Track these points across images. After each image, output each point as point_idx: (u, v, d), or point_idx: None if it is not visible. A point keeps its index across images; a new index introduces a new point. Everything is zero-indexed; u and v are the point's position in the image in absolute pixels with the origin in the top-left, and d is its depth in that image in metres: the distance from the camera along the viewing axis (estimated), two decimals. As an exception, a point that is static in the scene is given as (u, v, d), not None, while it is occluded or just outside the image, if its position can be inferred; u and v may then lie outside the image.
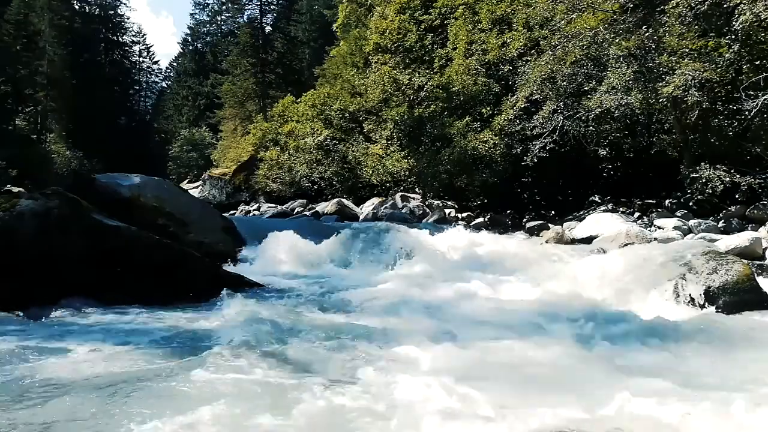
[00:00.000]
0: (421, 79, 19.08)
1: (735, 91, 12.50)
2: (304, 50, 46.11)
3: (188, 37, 59.51)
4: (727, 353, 5.09)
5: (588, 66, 15.26)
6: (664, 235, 11.31)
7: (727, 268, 7.01)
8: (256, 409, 3.59)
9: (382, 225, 14.20)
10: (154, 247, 7.76)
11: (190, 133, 44.79)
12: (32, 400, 3.77)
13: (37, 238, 6.83)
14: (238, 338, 5.25)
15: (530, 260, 10.21)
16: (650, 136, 15.78)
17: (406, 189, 20.47)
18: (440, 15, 22.84)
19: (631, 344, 5.38)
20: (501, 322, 6.03)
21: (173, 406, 3.63)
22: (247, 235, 12.23)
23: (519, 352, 5.03)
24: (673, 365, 4.68)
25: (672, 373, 4.43)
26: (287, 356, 4.88)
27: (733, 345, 5.35)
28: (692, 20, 12.92)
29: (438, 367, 4.51)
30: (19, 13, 25.20)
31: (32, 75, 23.84)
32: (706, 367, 4.67)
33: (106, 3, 48.66)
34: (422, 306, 7.00)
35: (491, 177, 17.36)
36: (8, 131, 15.24)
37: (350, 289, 8.29)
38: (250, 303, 7.29)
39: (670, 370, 4.52)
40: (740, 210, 12.79)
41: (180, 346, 5.20)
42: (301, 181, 25.55)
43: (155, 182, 13.08)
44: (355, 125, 23.62)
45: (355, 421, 3.49)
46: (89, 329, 5.78)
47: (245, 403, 3.69)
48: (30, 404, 3.70)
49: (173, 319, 6.29)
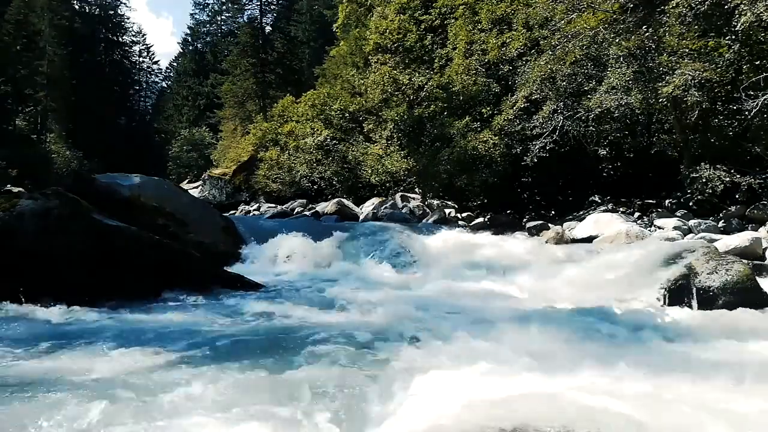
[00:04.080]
0: (421, 79, 19.06)
1: (735, 91, 12.49)
2: (304, 50, 46.11)
3: (188, 37, 59.57)
4: (727, 353, 5.08)
5: (588, 66, 15.25)
6: (664, 235, 11.30)
7: (727, 268, 7.01)
8: (255, 408, 3.59)
9: (382, 225, 14.21)
10: (154, 247, 7.77)
11: (190, 133, 44.76)
12: (32, 400, 3.76)
13: (36, 238, 6.83)
14: (238, 338, 5.25)
15: (530, 260, 10.21)
16: (650, 136, 15.78)
17: (406, 189, 20.46)
18: (440, 15, 22.83)
19: (630, 343, 5.38)
20: (501, 322, 6.02)
21: (173, 405, 3.63)
22: (247, 235, 12.23)
23: (519, 352, 5.02)
24: (672, 364, 4.67)
25: (672, 373, 4.42)
26: (287, 356, 4.89)
27: (733, 344, 5.34)
28: (692, 20, 12.92)
29: (438, 366, 4.51)
30: (19, 13, 25.19)
31: (32, 75, 23.82)
32: (706, 367, 4.67)
33: (106, 3, 48.67)
34: (422, 306, 6.99)
35: (491, 177, 17.34)
36: (8, 131, 15.23)
37: (350, 289, 8.29)
38: (250, 303, 7.30)
39: (670, 369, 4.52)
40: (740, 210, 12.79)
41: (180, 345, 5.19)
42: (301, 181, 25.55)
43: (155, 182, 13.09)
44: (355, 125, 23.60)
45: (355, 419, 3.49)
46: (89, 329, 5.78)
47: (245, 402, 3.69)
48: (30, 404, 3.70)
49: (173, 319, 6.29)
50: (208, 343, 5.20)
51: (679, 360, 4.95)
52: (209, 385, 4.02)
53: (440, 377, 4.07)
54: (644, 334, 5.80)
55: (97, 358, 4.76)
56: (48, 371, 4.37)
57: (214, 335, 5.53)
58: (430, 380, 4.01)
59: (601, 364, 4.70)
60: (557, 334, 5.62)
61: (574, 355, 4.95)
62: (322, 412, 3.59)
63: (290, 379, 4.23)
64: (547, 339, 5.43)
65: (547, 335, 5.55)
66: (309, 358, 4.82)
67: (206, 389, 3.94)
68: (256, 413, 3.52)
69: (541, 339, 5.41)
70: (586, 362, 4.63)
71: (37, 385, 4.07)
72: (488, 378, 4.13)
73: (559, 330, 5.80)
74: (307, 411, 3.59)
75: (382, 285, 8.77)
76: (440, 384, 3.92)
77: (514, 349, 5.13)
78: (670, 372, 4.44)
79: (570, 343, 5.31)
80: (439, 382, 3.96)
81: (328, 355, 4.94)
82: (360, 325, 5.99)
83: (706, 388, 4.09)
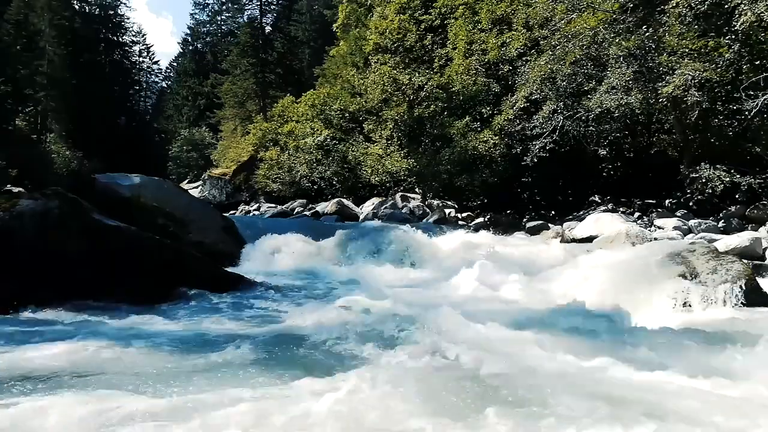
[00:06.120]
0: (421, 79, 19.07)
1: (735, 91, 12.49)
2: (304, 50, 46.12)
3: (188, 37, 59.56)
4: (727, 353, 5.08)
5: (588, 66, 15.25)
6: (664, 235, 11.31)
7: (727, 268, 7.01)
8: (255, 407, 3.59)
9: (382, 225, 14.21)
10: (153, 247, 7.77)
11: (190, 133, 44.76)
12: (31, 401, 3.76)
13: (36, 238, 6.82)
14: (237, 337, 5.25)
15: (530, 260, 10.20)
16: (650, 136, 15.79)
17: (406, 189, 20.46)
18: (440, 15, 22.83)
19: (630, 343, 5.38)
20: (500, 321, 6.02)
21: (172, 406, 3.63)
22: (247, 235, 12.23)
23: (519, 352, 5.02)
24: (672, 364, 4.67)
25: (671, 372, 4.43)
26: (286, 355, 4.89)
27: (733, 344, 5.34)
28: (692, 20, 12.92)
29: (436, 365, 4.51)
30: (19, 13, 25.14)
31: (32, 75, 23.79)
32: (706, 366, 4.67)
33: (106, 3, 48.56)
34: (421, 306, 6.99)
35: (491, 177, 17.35)
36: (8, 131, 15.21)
37: (349, 289, 8.29)
38: (249, 302, 7.30)
39: (670, 369, 4.52)
40: (740, 210, 12.79)
41: (179, 345, 5.19)
42: (301, 181, 25.56)
43: (155, 182, 13.10)
44: (355, 125, 23.61)
45: (354, 418, 3.48)
46: (88, 329, 5.77)
47: (244, 401, 3.69)
48: (29, 405, 3.70)
49: (173, 319, 6.29)
50: (207, 343, 5.20)
51: (678, 359, 4.95)
52: (208, 384, 4.03)
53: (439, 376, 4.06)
54: (643, 333, 5.80)
55: (96, 357, 4.76)
56: (48, 371, 4.37)
57: (213, 334, 5.52)
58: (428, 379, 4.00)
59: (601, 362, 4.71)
60: (556, 334, 5.63)
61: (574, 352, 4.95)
62: (321, 411, 3.59)
63: (290, 378, 4.23)
64: (547, 338, 5.43)
65: (546, 335, 5.55)
66: (308, 357, 4.83)
67: (205, 388, 3.94)
68: (256, 412, 3.53)
69: (540, 339, 5.41)
70: (585, 360, 4.63)
71: (36, 385, 4.07)
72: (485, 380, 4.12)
73: (558, 329, 5.80)
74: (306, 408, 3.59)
75: (382, 284, 8.76)
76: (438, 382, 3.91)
77: (514, 348, 5.13)
78: (668, 371, 4.44)
79: (570, 343, 5.31)
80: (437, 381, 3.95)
81: (326, 353, 4.95)
82: (359, 324, 5.99)
83: (705, 386, 4.10)
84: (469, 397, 3.83)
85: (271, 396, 3.85)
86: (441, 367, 4.49)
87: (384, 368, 4.49)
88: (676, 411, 3.57)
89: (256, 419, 3.45)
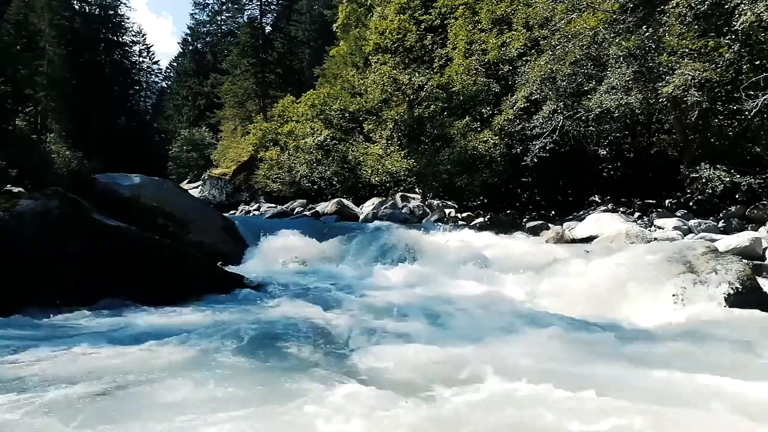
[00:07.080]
0: (421, 79, 19.06)
1: (735, 91, 12.48)
2: (304, 50, 46.11)
3: (188, 37, 59.56)
4: (727, 352, 5.08)
5: (588, 66, 15.24)
6: (664, 235, 11.30)
7: (727, 268, 7.01)
8: (254, 407, 3.59)
9: (382, 225, 14.21)
10: (153, 247, 7.77)
11: (190, 133, 44.75)
12: (31, 401, 3.76)
13: (37, 238, 6.82)
14: (237, 337, 5.25)
15: (530, 260, 10.19)
16: (650, 136, 15.78)
17: (406, 189, 20.45)
18: (440, 15, 22.83)
19: (630, 342, 5.38)
20: (500, 321, 6.02)
21: (173, 404, 3.63)
22: (247, 235, 12.23)
23: (518, 351, 5.03)
24: (672, 364, 4.67)
25: (670, 371, 4.43)
26: (286, 354, 4.89)
27: (733, 343, 5.34)
28: (692, 20, 12.91)
29: (436, 365, 4.51)
30: (19, 13, 25.14)
31: (32, 75, 23.76)
32: (706, 366, 4.67)
33: (106, 3, 48.56)
34: (421, 305, 7.00)
35: (491, 177, 17.34)
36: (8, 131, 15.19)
37: (349, 289, 8.29)
38: (249, 302, 7.30)
39: (670, 368, 4.52)
40: (740, 210, 12.78)
41: (179, 345, 5.19)
42: (301, 181, 25.55)
43: (155, 182, 13.10)
44: (355, 125, 23.60)
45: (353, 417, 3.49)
46: (88, 329, 5.78)
47: (243, 400, 3.69)
48: (28, 405, 3.70)
49: (173, 319, 6.29)
50: (207, 342, 5.20)
51: (678, 358, 4.95)
52: (207, 383, 4.02)
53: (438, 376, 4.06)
54: (643, 333, 5.80)
55: (96, 357, 4.76)
56: (48, 371, 4.37)
57: (213, 334, 5.52)
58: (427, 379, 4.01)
59: (601, 361, 4.71)
60: (556, 333, 5.63)
61: (574, 351, 4.96)
62: (321, 411, 3.59)
63: (289, 377, 4.23)
64: (546, 338, 5.43)
65: (546, 334, 5.55)
66: (308, 357, 4.82)
67: (204, 388, 3.94)
68: (255, 411, 3.53)
69: (540, 338, 5.41)
70: (585, 359, 4.63)
71: (36, 385, 4.07)
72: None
73: (558, 329, 5.80)
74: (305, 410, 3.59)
75: (381, 284, 8.76)
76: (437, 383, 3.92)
77: (513, 348, 5.13)
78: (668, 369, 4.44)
79: (570, 342, 5.31)
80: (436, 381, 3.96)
81: (326, 352, 4.95)
82: (361, 324, 5.99)
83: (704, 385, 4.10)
84: (469, 397, 3.83)
85: (271, 396, 3.85)
86: (441, 367, 4.49)
87: (386, 368, 4.49)
88: (676, 411, 3.57)
89: (257, 419, 3.45)
